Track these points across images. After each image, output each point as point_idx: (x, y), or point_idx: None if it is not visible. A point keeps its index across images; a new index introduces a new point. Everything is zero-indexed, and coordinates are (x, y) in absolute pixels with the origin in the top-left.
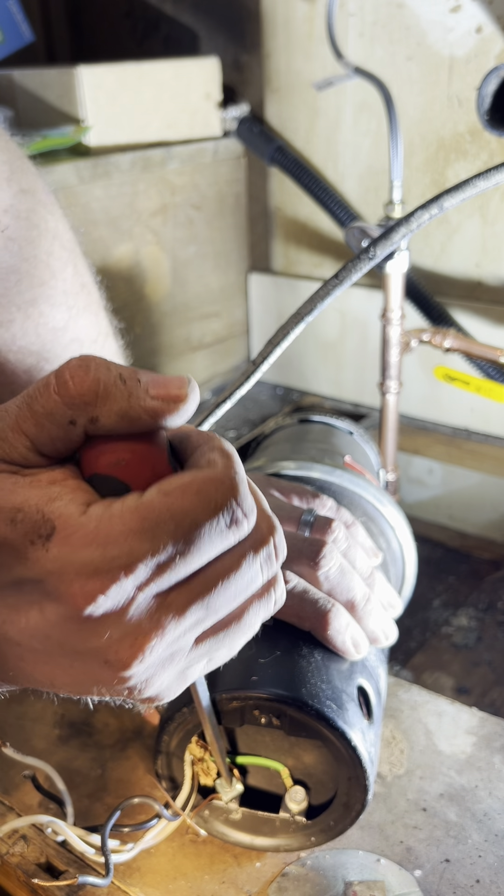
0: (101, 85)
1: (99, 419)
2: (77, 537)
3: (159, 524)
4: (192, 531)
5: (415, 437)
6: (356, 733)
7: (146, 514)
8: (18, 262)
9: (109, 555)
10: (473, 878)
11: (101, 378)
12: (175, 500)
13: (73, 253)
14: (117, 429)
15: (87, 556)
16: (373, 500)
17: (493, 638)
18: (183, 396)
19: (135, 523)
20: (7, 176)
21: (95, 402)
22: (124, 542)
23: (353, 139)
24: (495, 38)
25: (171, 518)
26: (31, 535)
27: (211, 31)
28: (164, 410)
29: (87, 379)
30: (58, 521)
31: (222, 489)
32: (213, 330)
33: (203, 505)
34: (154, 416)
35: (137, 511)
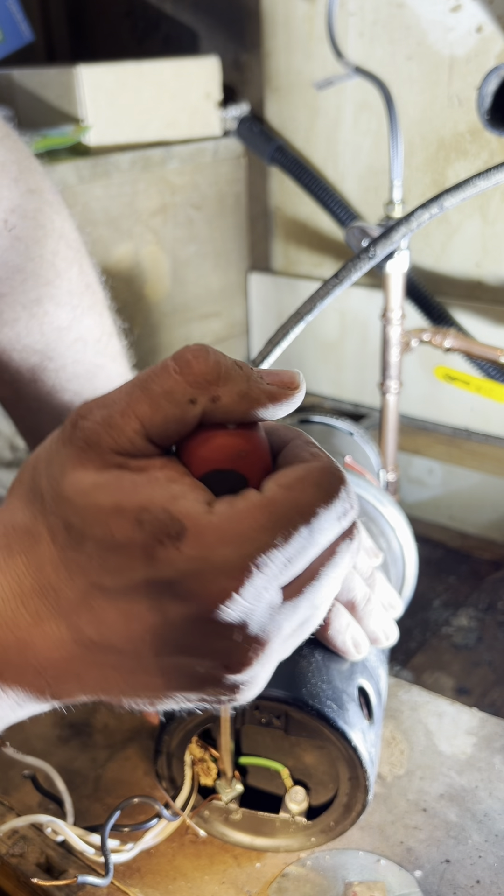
0: (100, 84)
1: (221, 398)
2: (210, 536)
3: (287, 519)
4: (316, 523)
5: (415, 437)
6: (357, 734)
7: (273, 509)
8: (25, 261)
9: (244, 552)
10: (474, 878)
11: (221, 361)
12: (298, 493)
13: (78, 253)
14: (236, 411)
15: (223, 555)
16: (373, 501)
17: (493, 638)
18: (297, 384)
19: (264, 519)
20: (15, 176)
21: (217, 382)
22: (256, 539)
23: (354, 139)
24: (495, 37)
25: (297, 512)
26: (160, 535)
27: (211, 31)
28: (280, 395)
29: (209, 360)
30: (186, 520)
31: (335, 479)
32: (213, 330)
33: (323, 496)
34: (272, 399)
35: (264, 507)
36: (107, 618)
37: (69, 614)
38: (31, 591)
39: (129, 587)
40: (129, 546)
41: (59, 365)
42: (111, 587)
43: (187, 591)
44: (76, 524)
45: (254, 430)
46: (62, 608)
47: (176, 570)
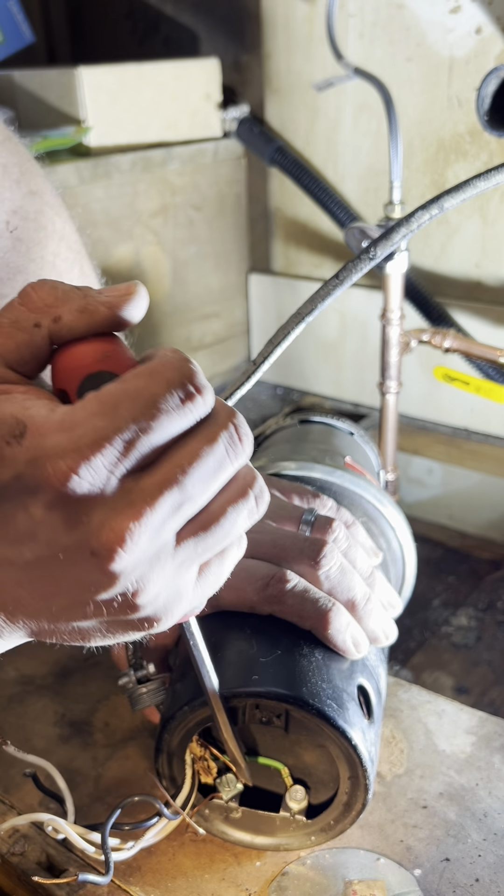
0: (101, 86)
1: (62, 317)
2: (46, 428)
3: (118, 404)
4: (150, 407)
5: (414, 437)
6: (356, 732)
7: (105, 398)
8: (26, 262)
9: (76, 436)
10: (473, 877)
11: (59, 286)
12: (130, 383)
13: (79, 254)
14: (79, 325)
15: (55, 441)
16: (373, 501)
17: (492, 638)
18: (132, 290)
19: (96, 407)
20: (17, 178)
21: (55, 304)
22: (88, 424)
23: (353, 140)
24: (495, 38)
25: (127, 398)
26: (7, 437)
27: (211, 32)
28: (118, 302)
29: (46, 287)
30: (29, 420)
31: (173, 368)
32: (213, 330)
33: (156, 382)
34: (111, 307)
35: (97, 398)
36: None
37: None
38: None
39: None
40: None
41: None
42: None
43: (33, 481)
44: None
45: (112, 337)
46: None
47: (18, 462)
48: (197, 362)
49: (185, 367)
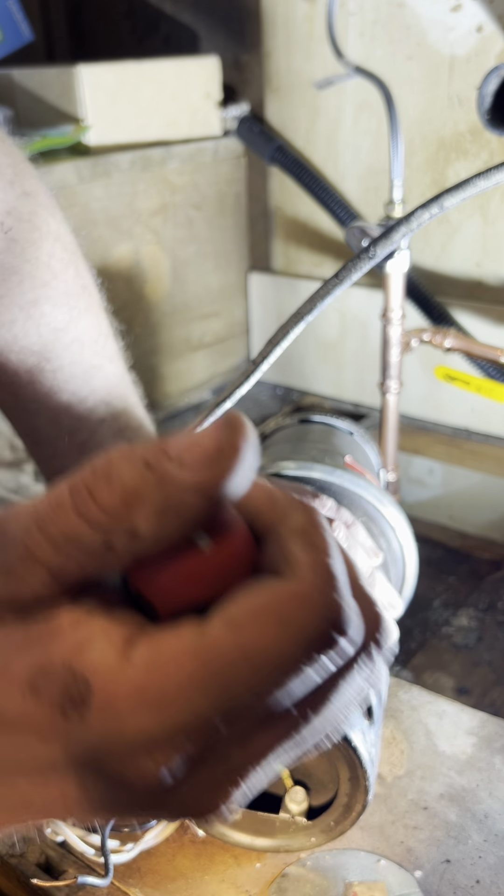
0: (100, 84)
1: (138, 530)
2: (123, 698)
3: (230, 674)
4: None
5: (415, 437)
6: (357, 734)
7: (210, 659)
8: (21, 262)
9: (169, 721)
10: (474, 878)
11: (126, 479)
12: (249, 637)
13: (74, 255)
14: (164, 532)
15: (140, 725)
16: (373, 501)
17: (493, 638)
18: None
19: (197, 672)
20: (10, 179)
21: (125, 512)
22: (185, 701)
23: (354, 138)
24: (496, 37)
25: (246, 665)
26: (62, 703)
27: (211, 31)
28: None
29: (107, 486)
30: (93, 676)
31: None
32: (212, 330)
33: (288, 640)
34: (200, 492)
35: (198, 656)
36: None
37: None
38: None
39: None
40: (24, 723)
41: (57, 366)
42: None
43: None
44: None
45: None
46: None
47: (85, 748)
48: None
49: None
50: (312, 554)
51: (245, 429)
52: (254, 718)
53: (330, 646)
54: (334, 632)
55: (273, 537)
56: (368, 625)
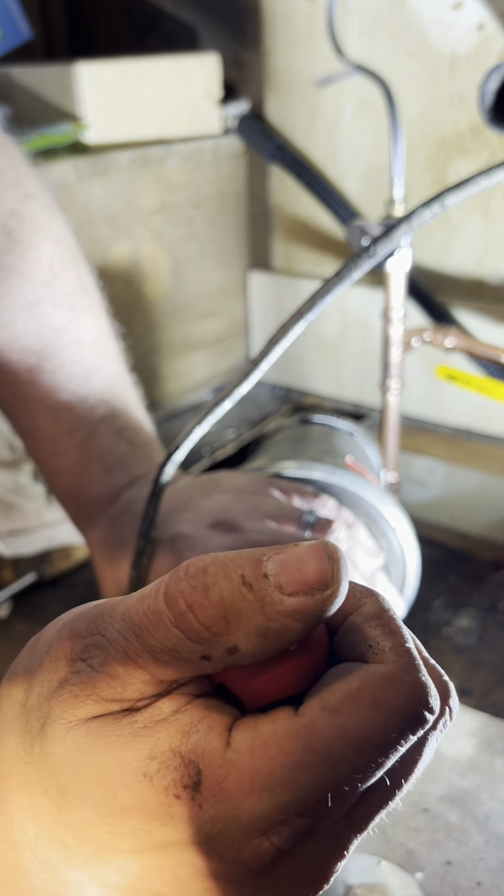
0: (99, 82)
1: (238, 648)
2: (233, 783)
3: (332, 753)
4: (375, 754)
5: (416, 436)
6: None
7: (313, 742)
8: (23, 263)
9: (281, 802)
10: (475, 880)
11: (225, 596)
12: (347, 718)
13: (75, 257)
14: (264, 650)
15: (254, 809)
16: (374, 501)
17: (494, 639)
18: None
19: (301, 755)
20: (13, 182)
21: (227, 630)
22: (293, 781)
23: (354, 137)
24: (497, 35)
25: (346, 744)
26: (174, 787)
27: (211, 28)
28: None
29: (209, 603)
30: (202, 761)
31: (404, 692)
32: (212, 329)
33: (384, 720)
34: (303, 619)
35: (301, 739)
36: (131, 870)
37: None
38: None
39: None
40: (140, 809)
41: (57, 365)
42: (127, 849)
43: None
44: (70, 789)
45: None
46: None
47: (201, 832)
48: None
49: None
50: (392, 639)
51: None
52: (356, 793)
53: (421, 723)
54: (423, 709)
55: (349, 626)
56: (442, 695)
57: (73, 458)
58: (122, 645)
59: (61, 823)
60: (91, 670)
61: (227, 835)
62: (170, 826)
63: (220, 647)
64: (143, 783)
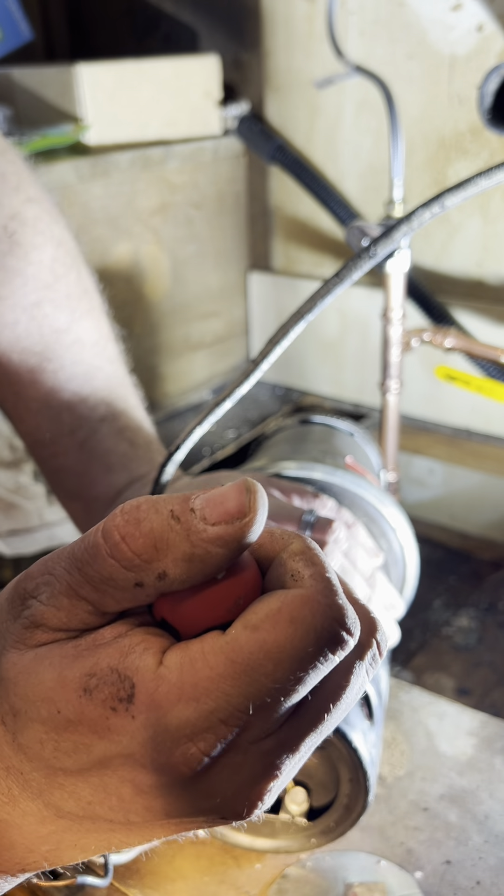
0: (100, 83)
1: (167, 573)
2: (163, 694)
3: (252, 665)
4: (293, 667)
5: (416, 437)
6: (357, 735)
7: (235, 656)
8: (25, 265)
9: (205, 709)
10: (474, 879)
11: (154, 527)
12: (267, 634)
13: (76, 260)
14: (190, 576)
15: (181, 716)
16: (374, 502)
17: (494, 639)
18: (245, 509)
19: (224, 667)
20: (15, 185)
21: (156, 557)
22: (218, 690)
23: (354, 138)
24: (496, 36)
25: (266, 657)
26: (111, 701)
27: (211, 30)
28: (232, 535)
29: (139, 533)
30: (136, 676)
31: (319, 611)
32: (212, 329)
33: (301, 635)
34: (224, 545)
35: (224, 653)
36: (81, 794)
37: (41, 793)
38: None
39: (91, 765)
40: (80, 722)
41: (58, 366)
42: (73, 767)
43: (151, 762)
44: (20, 708)
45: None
46: (32, 788)
47: (132, 741)
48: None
49: (333, 609)
50: (313, 568)
51: (261, 493)
52: (280, 708)
53: (338, 642)
54: (340, 629)
55: (277, 562)
56: (367, 627)
57: (74, 459)
58: (67, 579)
59: (16, 748)
60: (40, 604)
61: (158, 741)
62: (108, 739)
63: (150, 574)
64: (84, 697)
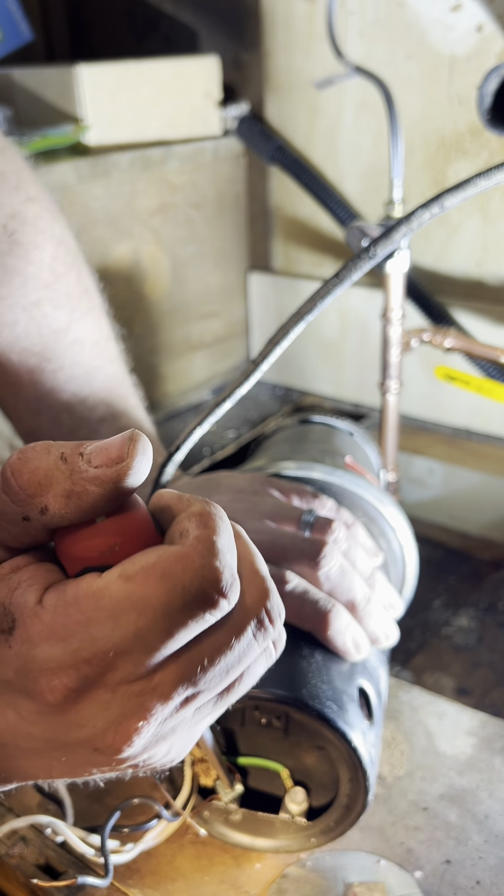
0: (100, 84)
1: (48, 508)
2: (35, 630)
3: (119, 613)
4: (159, 621)
5: (415, 437)
6: (357, 734)
7: (104, 602)
8: (24, 265)
9: (70, 648)
10: (474, 879)
11: (41, 465)
12: (136, 586)
13: (76, 259)
14: (68, 511)
15: (47, 651)
16: (373, 501)
17: (493, 639)
18: (124, 455)
19: (93, 612)
20: (15, 185)
21: (39, 492)
22: (84, 633)
23: (354, 138)
24: (496, 36)
25: (131, 607)
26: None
27: (211, 30)
28: (109, 476)
29: (26, 470)
30: (17, 611)
31: (191, 569)
32: (212, 329)
33: (168, 591)
34: (101, 484)
35: (94, 598)
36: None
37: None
38: None
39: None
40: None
41: (58, 366)
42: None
43: (24, 689)
44: None
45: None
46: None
47: (9, 668)
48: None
49: (207, 570)
50: (201, 530)
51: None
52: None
53: (209, 602)
54: (211, 590)
55: (174, 522)
56: (257, 595)
57: None
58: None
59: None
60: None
61: (28, 670)
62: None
63: (34, 508)
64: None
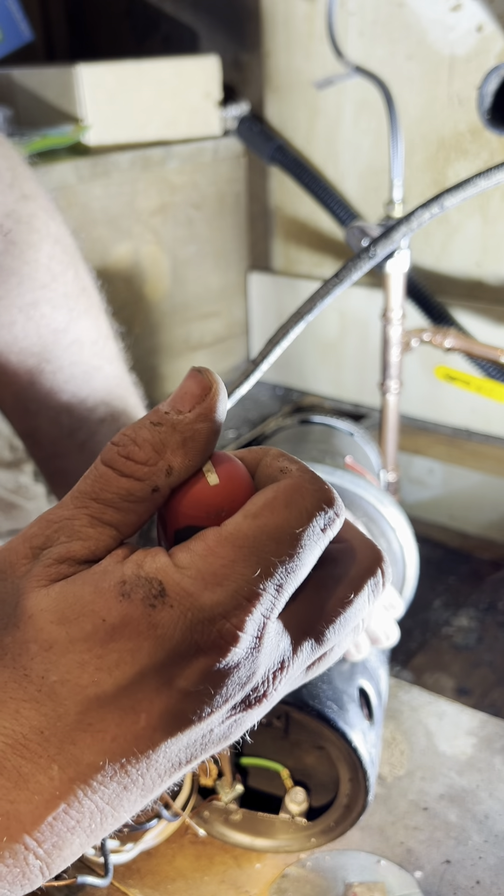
0: (100, 84)
1: (172, 466)
2: (190, 583)
3: (260, 547)
4: (294, 546)
5: (415, 437)
6: (357, 734)
7: (242, 542)
8: (20, 264)
9: (230, 590)
10: (474, 879)
11: (146, 437)
12: (266, 519)
13: (73, 257)
14: (191, 460)
15: (212, 598)
16: (374, 501)
17: (493, 639)
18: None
19: (234, 553)
20: (10, 182)
21: (159, 457)
22: (235, 574)
23: (354, 138)
24: (496, 36)
25: (268, 538)
26: (149, 598)
27: (211, 30)
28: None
29: (140, 446)
30: (160, 575)
31: (308, 493)
32: (212, 329)
33: (297, 515)
34: (206, 419)
35: (230, 541)
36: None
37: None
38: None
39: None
40: (126, 625)
41: (57, 367)
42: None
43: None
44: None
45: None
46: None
47: (177, 629)
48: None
49: (322, 493)
50: (297, 464)
51: (207, 370)
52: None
53: (330, 520)
54: (329, 507)
55: (262, 466)
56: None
57: (74, 461)
58: (86, 513)
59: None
60: (62, 545)
61: (197, 622)
62: (153, 637)
63: (160, 474)
64: (124, 601)
